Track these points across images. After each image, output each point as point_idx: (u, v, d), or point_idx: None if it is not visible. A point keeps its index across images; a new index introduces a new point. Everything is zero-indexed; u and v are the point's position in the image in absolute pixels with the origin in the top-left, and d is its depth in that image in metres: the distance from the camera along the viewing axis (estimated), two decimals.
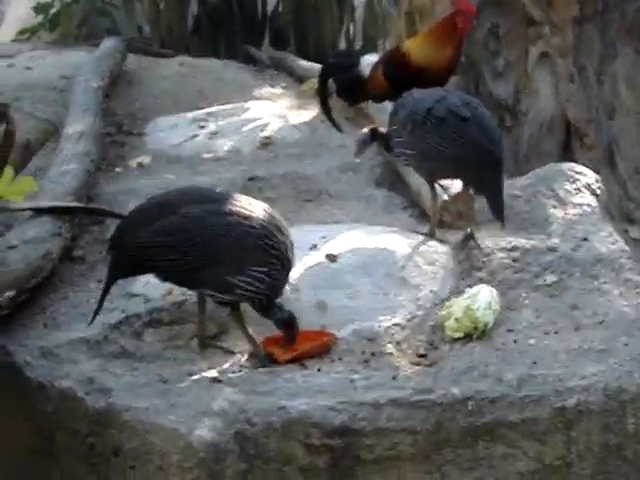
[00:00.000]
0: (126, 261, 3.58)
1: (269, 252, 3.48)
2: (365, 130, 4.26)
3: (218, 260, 3.46)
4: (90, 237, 4.46)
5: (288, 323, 3.53)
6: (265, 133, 5.44)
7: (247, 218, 3.49)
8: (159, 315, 3.82)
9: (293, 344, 3.53)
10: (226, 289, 3.48)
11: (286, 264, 3.52)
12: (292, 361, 3.57)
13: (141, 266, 3.57)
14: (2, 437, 3.66)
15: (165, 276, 3.60)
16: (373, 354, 3.62)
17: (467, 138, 4.00)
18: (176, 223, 3.49)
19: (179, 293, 3.85)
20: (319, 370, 3.52)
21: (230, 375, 3.51)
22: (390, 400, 3.34)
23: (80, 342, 3.70)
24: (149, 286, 3.91)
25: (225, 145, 5.36)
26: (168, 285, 3.77)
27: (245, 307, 3.63)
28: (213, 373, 3.52)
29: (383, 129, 4.21)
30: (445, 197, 4.39)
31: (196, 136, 5.47)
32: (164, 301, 3.87)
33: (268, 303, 3.52)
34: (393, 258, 4.03)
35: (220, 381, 3.47)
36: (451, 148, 4.01)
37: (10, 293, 3.74)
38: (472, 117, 4.04)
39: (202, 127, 5.60)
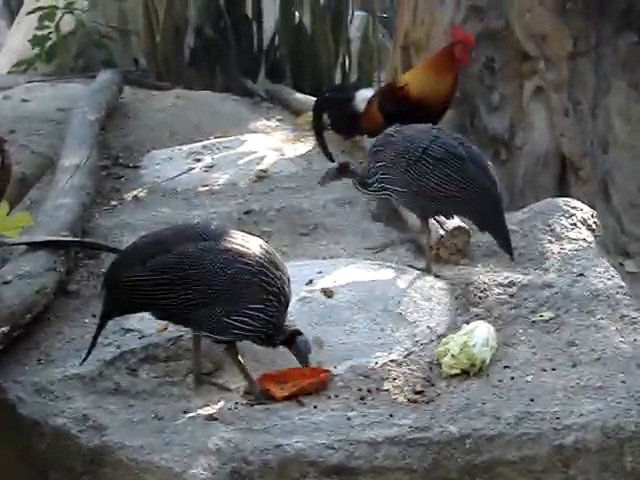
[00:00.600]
0: (120, 298, 3.55)
1: (265, 289, 3.46)
2: (334, 164, 4.31)
3: (213, 299, 3.45)
4: (85, 271, 4.44)
5: (292, 341, 3.52)
6: (261, 166, 5.43)
7: (242, 255, 3.47)
8: (154, 351, 3.79)
9: (306, 361, 3.51)
10: (221, 330, 3.46)
11: (283, 300, 3.50)
12: (289, 398, 3.54)
13: (136, 304, 3.55)
14: None
15: (160, 314, 3.59)
16: (370, 391, 3.59)
17: (467, 178, 4.05)
18: (171, 261, 3.48)
19: (175, 329, 3.83)
20: (315, 407, 3.49)
21: (226, 412, 3.48)
22: (387, 438, 3.31)
23: (75, 378, 3.67)
24: (144, 322, 3.89)
25: (221, 178, 5.34)
26: (163, 321, 3.76)
27: (243, 343, 3.61)
28: (209, 410, 3.49)
29: (353, 166, 4.24)
30: (442, 232, 4.38)
31: (192, 169, 5.47)
32: (159, 337, 3.84)
33: (268, 339, 3.50)
34: (390, 293, 4.01)
35: (216, 419, 3.44)
36: (451, 188, 4.05)
37: (4, 328, 3.71)
38: (469, 156, 4.08)
39: (198, 160, 5.59)
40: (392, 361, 3.72)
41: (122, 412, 3.51)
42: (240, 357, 3.56)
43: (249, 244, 3.51)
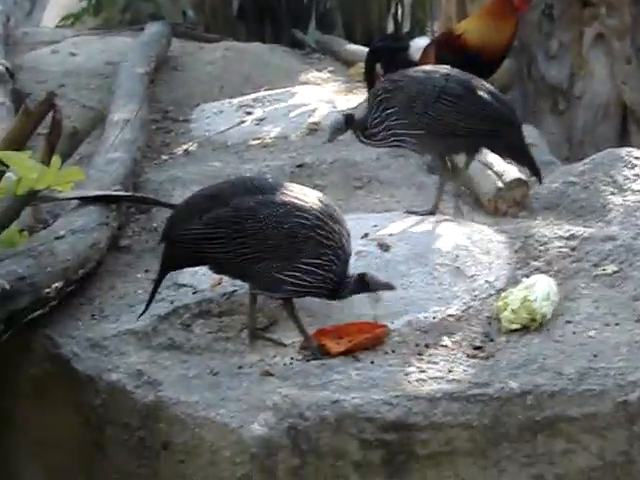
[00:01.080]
0: (178, 253, 3.58)
1: (322, 243, 3.45)
2: (339, 116, 4.30)
3: (269, 254, 3.45)
4: (137, 226, 4.45)
5: (363, 287, 3.51)
6: (313, 119, 5.39)
7: (300, 209, 3.47)
8: (208, 306, 3.79)
9: (391, 287, 3.53)
10: (277, 286, 3.47)
11: (341, 254, 3.48)
12: (345, 353, 3.52)
13: (193, 258, 3.57)
14: (52, 429, 3.67)
15: (216, 269, 3.60)
16: (427, 346, 3.57)
17: (489, 111, 4.11)
18: (228, 215, 3.49)
19: (228, 283, 3.82)
20: (372, 363, 3.47)
21: (281, 368, 3.48)
22: (446, 394, 3.29)
23: (128, 334, 3.69)
24: (198, 276, 3.89)
25: (272, 131, 5.32)
26: (217, 275, 3.76)
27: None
28: (264, 366, 3.50)
29: (358, 116, 4.25)
30: (500, 184, 4.35)
31: (243, 122, 5.45)
32: (213, 292, 3.85)
33: (332, 293, 3.50)
34: (447, 247, 3.98)
35: (271, 374, 3.44)
36: (474, 123, 4.10)
37: (58, 284, 3.72)
38: (484, 89, 4.14)
39: (248, 113, 5.57)
40: (450, 316, 3.69)
41: (176, 367, 3.52)
42: (296, 311, 3.56)
43: (307, 197, 3.50)
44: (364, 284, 3.50)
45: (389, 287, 3.52)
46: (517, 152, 4.21)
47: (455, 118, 4.07)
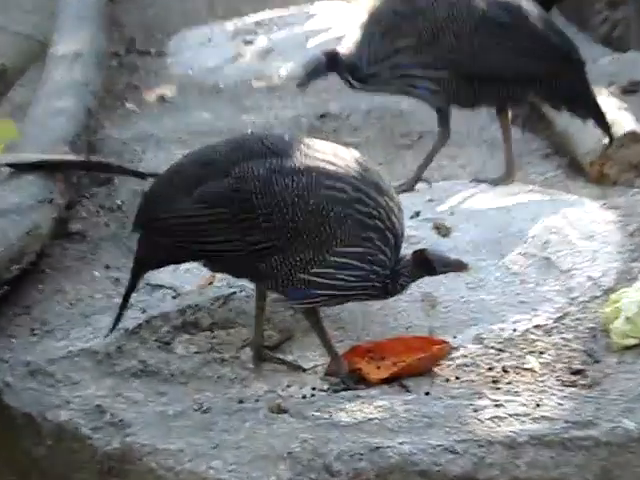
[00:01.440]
0: (158, 245, 3.59)
1: (365, 224, 3.46)
2: (318, 55, 4.36)
3: (289, 242, 3.46)
4: (93, 204, 4.49)
5: (423, 269, 3.52)
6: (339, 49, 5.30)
7: (331, 176, 3.47)
8: (195, 316, 3.81)
9: (463, 265, 3.51)
10: (297, 290, 3.51)
11: (391, 237, 3.50)
12: (388, 381, 3.54)
13: (180, 252, 3.58)
14: None
15: (213, 265, 3.61)
16: (505, 370, 3.59)
17: (545, 46, 4.21)
18: (229, 188, 3.49)
19: (223, 283, 3.84)
20: (428, 394, 3.48)
21: (300, 402, 3.49)
22: (533, 437, 3.30)
23: (83, 356, 3.72)
24: (179, 274, 3.92)
25: (282, 68, 5.36)
26: (204, 272, 3.79)
27: None
28: (275, 399, 3.51)
29: (346, 52, 4.31)
30: (607, 141, 4.41)
31: (240, 56, 5.50)
32: (202, 295, 3.86)
33: (380, 291, 3.52)
34: (532, 230, 4.00)
35: (285, 411, 3.45)
36: (525, 63, 4.20)
37: None
38: (539, 17, 4.23)
39: (248, 42, 5.63)
40: (537, 327, 3.71)
41: (151, 402, 3.54)
42: (322, 323, 3.57)
43: (340, 160, 3.50)
44: (425, 264, 3.51)
45: (461, 266, 3.53)
46: (580, 102, 4.27)
47: (498, 56, 4.14)
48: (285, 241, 3.44)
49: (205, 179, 3.49)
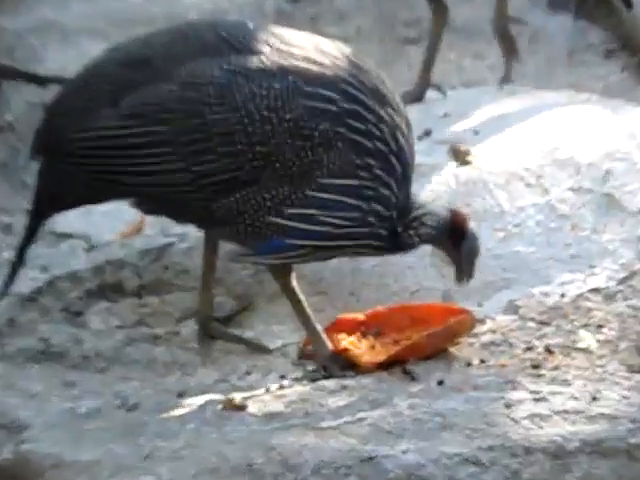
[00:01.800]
0: (70, 178, 3.35)
1: (361, 145, 3.24)
2: None
3: (258, 172, 3.22)
4: None
5: (452, 237, 3.22)
6: None
7: (311, 79, 3.24)
8: (117, 276, 3.57)
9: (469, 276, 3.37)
10: (268, 241, 3.22)
11: (397, 166, 3.23)
12: (387, 365, 3.29)
13: (100, 187, 3.37)
14: None
15: (150, 206, 3.41)
16: (550, 351, 3.32)
17: None
18: (172, 96, 3.24)
19: (156, 230, 3.64)
20: (441, 383, 3.23)
21: (263, 396, 3.24)
22: (587, 443, 2.98)
23: None
24: (93, 218, 3.76)
25: None
26: (129, 216, 3.59)
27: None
28: (228, 391, 3.28)
29: None
30: None
31: None
32: (125, 247, 3.65)
33: (385, 245, 3.24)
34: (586, 156, 3.75)
35: (242, 408, 3.19)
36: None
37: None
38: None
39: None
40: (595, 291, 3.43)
41: (56, 397, 3.30)
42: (298, 289, 3.39)
43: (325, 58, 3.30)
44: (458, 231, 3.24)
45: (469, 277, 3.30)
46: None
47: None
48: (250, 171, 3.20)
49: (135, 85, 3.25)
